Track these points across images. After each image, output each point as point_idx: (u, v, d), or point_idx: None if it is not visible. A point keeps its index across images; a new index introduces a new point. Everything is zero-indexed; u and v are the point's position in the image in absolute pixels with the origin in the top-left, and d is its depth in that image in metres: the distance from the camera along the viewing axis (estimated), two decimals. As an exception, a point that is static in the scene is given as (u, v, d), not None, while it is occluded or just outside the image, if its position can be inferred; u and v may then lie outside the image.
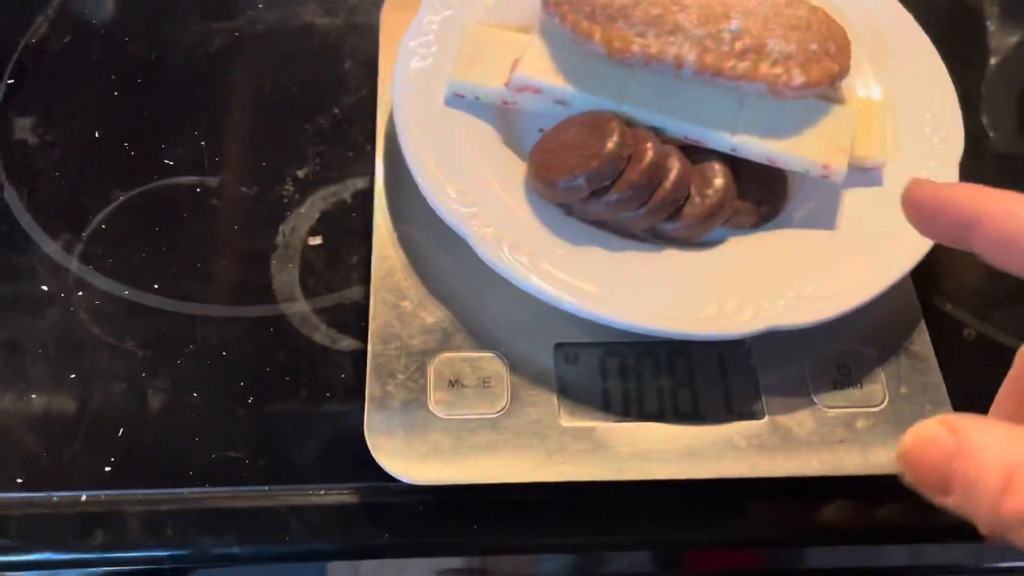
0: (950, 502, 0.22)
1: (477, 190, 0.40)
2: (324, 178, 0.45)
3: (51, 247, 0.42)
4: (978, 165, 0.46)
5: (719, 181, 0.39)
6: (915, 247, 0.39)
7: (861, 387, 0.38)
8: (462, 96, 0.42)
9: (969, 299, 0.42)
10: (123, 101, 0.47)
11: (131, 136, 0.46)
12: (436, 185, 0.39)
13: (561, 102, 0.41)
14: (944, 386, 0.38)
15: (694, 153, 0.40)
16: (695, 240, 0.40)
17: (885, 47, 0.45)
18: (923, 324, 0.40)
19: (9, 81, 0.48)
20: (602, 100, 0.40)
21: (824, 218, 0.40)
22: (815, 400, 0.38)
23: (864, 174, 0.41)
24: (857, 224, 0.40)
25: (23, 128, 0.46)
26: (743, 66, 0.39)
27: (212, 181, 0.45)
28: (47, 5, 0.51)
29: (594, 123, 0.39)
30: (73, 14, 0.50)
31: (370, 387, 0.37)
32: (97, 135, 0.46)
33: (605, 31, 0.39)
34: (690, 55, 0.39)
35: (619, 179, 0.38)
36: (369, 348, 0.38)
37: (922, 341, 0.39)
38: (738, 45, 0.39)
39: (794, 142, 0.39)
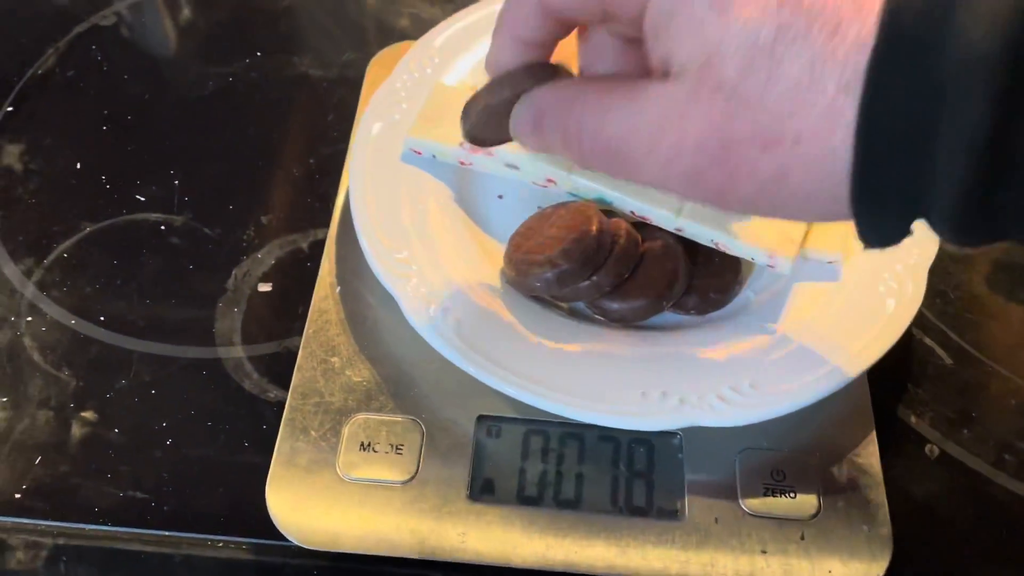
0: None
1: (419, 250, 0.39)
2: (286, 226, 0.45)
3: (11, 270, 0.43)
4: (961, 266, 0.43)
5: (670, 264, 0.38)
6: (869, 349, 0.36)
7: (794, 496, 0.35)
8: (420, 154, 0.42)
9: (939, 413, 0.39)
10: (110, 136, 0.49)
11: (110, 170, 0.47)
12: (375, 240, 0.39)
13: (512, 166, 0.40)
14: (887, 505, 0.35)
15: (644, 230, 0.39)
16: (638, 322, 0.38)
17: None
18: (873, 435, 0.37)
19: (8, 108, 0.50)
20: (551, 168, 0.39)
21: (775, 310, 0.38)
22: (742, 504, 0.35)
23: (822, 268, 0.39)
24: (809, 320, 0.37)
25: (11, 155, 0.48)
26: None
27: (177, 220, 0.45)
28: (59, 38, 0.53)
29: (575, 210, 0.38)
30: (81, 49, 0.52)
31: (280, 442, 0.36)
32: (78, 166, 0.47)
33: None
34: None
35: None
36: (288, 402, 0.37)
37: (870, 453, 0.36)
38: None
39: (742, 228, 0.37)
